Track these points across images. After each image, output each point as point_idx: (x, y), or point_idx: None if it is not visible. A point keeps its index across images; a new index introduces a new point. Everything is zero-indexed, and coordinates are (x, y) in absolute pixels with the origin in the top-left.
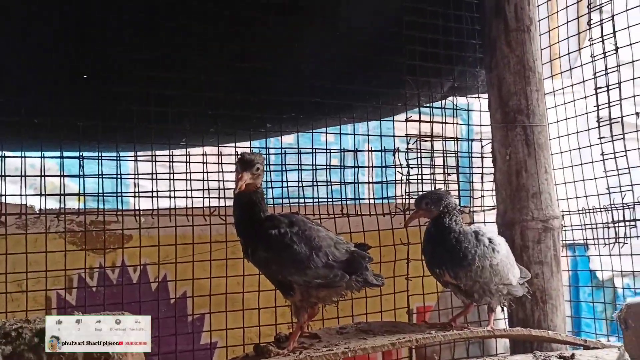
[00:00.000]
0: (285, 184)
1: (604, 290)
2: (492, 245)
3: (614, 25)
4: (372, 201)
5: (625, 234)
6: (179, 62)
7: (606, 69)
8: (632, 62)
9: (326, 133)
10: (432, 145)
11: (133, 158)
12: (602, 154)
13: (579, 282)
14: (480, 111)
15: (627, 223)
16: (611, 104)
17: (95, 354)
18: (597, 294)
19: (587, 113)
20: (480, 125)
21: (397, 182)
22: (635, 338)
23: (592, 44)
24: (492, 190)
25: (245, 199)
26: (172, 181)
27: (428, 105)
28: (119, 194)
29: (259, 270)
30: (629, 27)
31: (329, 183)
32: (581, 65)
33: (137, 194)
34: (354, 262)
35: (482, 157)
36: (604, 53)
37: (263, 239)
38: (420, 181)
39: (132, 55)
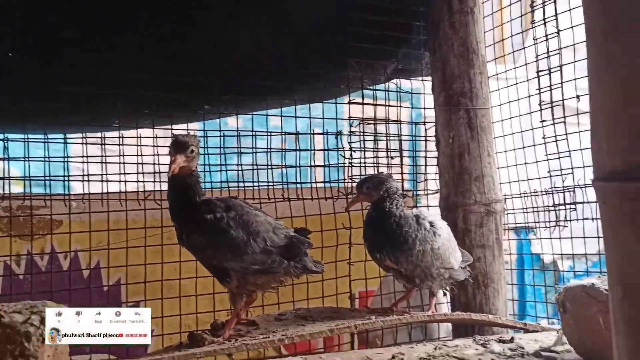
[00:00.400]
0: (224, 168)
1: (544, 273)
2: (433, 229)
3: (555, 8)
4: (314, 185)
5: (565, 217)
6: (110, 41)
7: (548, 52)
8: (574, 44)
9: (267, 115)
10: (375, 129)
11: (62, 140)
12: (544, 137)
13: (524, 266)
14: (424, 94)
15: (568, 206)
16: (553, 87)
17: (9, 347)
18: (541, 277)
19: (529, 96)
20: (424, 108)
21: (339, 165)
22: (572, 321)
23: (534, 27)
24: (436, 173)
25: (179, 182)
26: (104, 164)
27: (371, 87)
28: (47, 178)
29: (194, 255)
30: (570, 10)
31: (269, 166)
32: (523, 48)
33: (66, 178)
34: (292, 247)
35: (426, 140)
36: (546, 36)
37: (198, 224)
38: (363, 165)
39: (60, 33)
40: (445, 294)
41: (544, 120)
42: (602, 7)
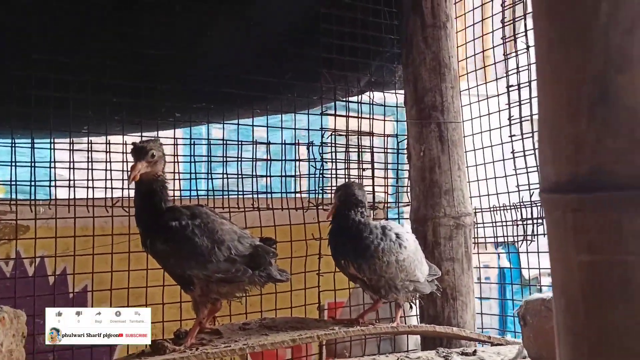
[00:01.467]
0: (194, 176)
1: (510, 287)
2: (399, 241)
3: (525, 24)
4: (284, 195)
5: (532, 231)
6: (81, 46)
7: (518, 67)
8: None
9: (237, 124)
10: (347, 140)
11: (29, 145)
12: (513, 152)
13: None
14: (397, 107)
15: (535, 221)
16: (522, 102)
17: None
18: (519, 291)
19: (499, 111)
20: (397, 121)
21: (310, 176)
22: (532, 335)
23: (506, 42)
24: (407, 186)
25: (144, 188)
26: (72, 170)
27: (344, 99)
28: (13, 182)
29: (157, 262)
30: None
31: (239, 175)
32: (494, 64)
33: (32, 183)
34: (257, 256)
35: (398, 153)
36: (516, 51)
37: (163, 230)
38: (335, 176)
39: (31, 38)
40: (411, 307)
41: (513, 135)
42: (548, 16)
